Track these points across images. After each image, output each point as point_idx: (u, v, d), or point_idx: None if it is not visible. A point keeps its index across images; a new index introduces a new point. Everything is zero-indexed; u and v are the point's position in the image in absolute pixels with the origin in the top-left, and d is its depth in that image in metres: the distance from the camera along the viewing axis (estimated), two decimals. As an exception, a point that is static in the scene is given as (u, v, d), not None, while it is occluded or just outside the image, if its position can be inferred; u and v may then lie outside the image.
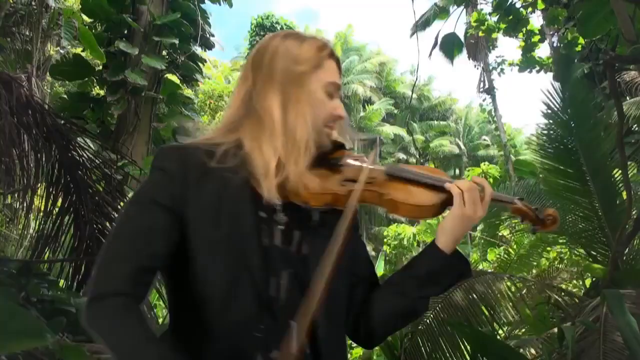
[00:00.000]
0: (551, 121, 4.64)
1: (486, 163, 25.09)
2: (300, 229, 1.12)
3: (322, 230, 1.10)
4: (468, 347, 3.30)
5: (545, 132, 4.77)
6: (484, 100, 23.83)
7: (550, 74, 10.15)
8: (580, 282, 5.81)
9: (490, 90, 22.72)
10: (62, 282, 3.94)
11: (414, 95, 27.54)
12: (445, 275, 1.16)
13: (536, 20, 9.65)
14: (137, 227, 1.07)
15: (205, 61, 12.33)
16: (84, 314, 1.02)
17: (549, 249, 6.42)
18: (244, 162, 1.12)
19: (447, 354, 3.46)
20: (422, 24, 16.16)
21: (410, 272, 1.18)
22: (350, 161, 1.21)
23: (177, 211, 1.07)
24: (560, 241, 5.24)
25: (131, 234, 1.07)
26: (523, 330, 4.34)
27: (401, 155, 31.52)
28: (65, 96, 10.28)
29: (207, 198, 1.08)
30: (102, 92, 9.25)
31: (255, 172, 1.11)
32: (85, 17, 8.92)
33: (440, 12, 15.68)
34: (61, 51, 8.04)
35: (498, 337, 3.79)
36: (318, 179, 1.12)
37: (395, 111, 32.11)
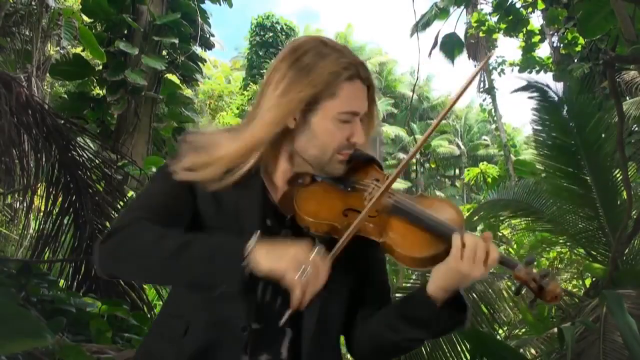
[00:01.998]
0: (551, 121, 4.64)
1: (484, 163, 25.13)
2: None
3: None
4: (468, 347, 3.30)
5: (546, 131, 4.77)
6: (484, 100, 23.84)
7: (550, 74, 10.16)
8: (580, 282, 5.81)
9: (490, 90, 22.71)
10: (62, 282, 3.95)
11: (414, 95, 27.55)
12: (435, 324, 1.08)
13: (536, 20, 9.65)
14: (157, 191, 1.15)
15: (205, 61, 12.34)
16: (97, 251, 1.07)
17: (549, 249, 6.41)
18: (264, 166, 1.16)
19: (447, 354, 3.45)
20: (423, 24, 16.17)
21: (402, 311, 1.13)
22: (367, 184, 1.14)
23: (190, 190, 1.13)
24: (560, 241, 5.23)
25: (149, 195, 1.17)
26: (523, 330, 4.34)
27: (401, 155, 31.54)
28: (65, 96, 10.29)
29: (220, 196, 1.12)
30: (102, 92, 9.26)
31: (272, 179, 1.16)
32: (85, 17, 8.93)
33: (440, 12, 15.69)
34: (61, 51, 8.04)
35: (498, 337, 3.79)
36: (320, 204, 1.10)
37: (395, 111, 32.12)
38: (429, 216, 1.07)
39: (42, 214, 4.21)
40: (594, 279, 4.82)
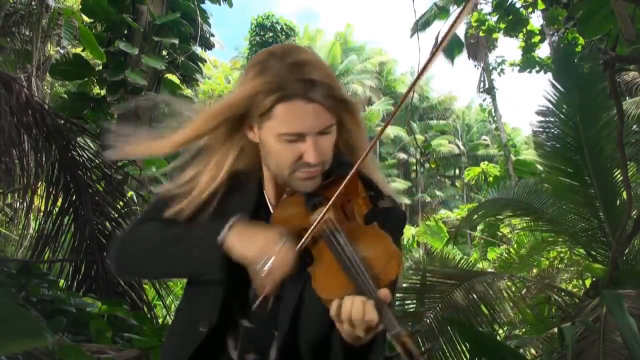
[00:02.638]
0: (552, 120, 4.64)
1: (486, 162, 25.12)
2: None
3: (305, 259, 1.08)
4: (468, 347, 3.30)
5: (546, 131, 4.77)
6: (484, 100, 23.86)
7: (550, 74, 10.15)
8: (580, 282, 5.81)
9: (490, 90, 22.73)
10: (62, 282, 3.95)
11: (414, 95, 27.52)
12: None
13: (536, 20, 9.65)
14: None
15: (205, 61, 12.34)
16: (113, 254, 1.18)
17: (549, 248, 6.41)
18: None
19: (447, 354, 3.46)
20: (423, 24, 16.16)
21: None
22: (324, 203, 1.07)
23: None
24: (560, 241, 5.23)
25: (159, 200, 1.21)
26: (523, 330, 4.34)
27: (401, 155, 31.55)
28: (65, 96, 10.29)
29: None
30: (102, 92, 9.26)
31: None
32: (85, 17, 8.92)
33: (440, 12, 15.68)
34: (61, 51, 8.04)
35: (498, 337, 3.79)
36: (290, 217, 1.09)
37: (395, 111, 32.06)
38: (350, 258, 0.98)
39: (42, 214, 4.21)
40: (594, 279, 4.82)
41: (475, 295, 3.78)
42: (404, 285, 4.02)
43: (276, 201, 1.16)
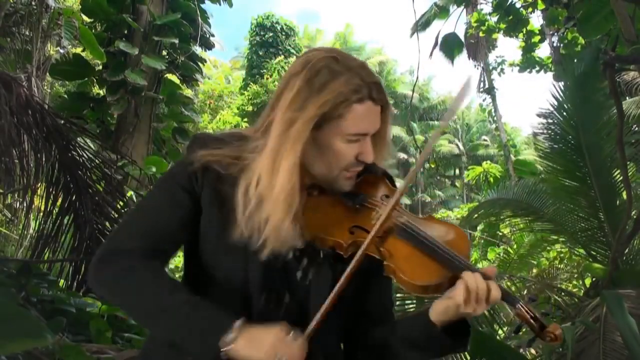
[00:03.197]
0: (552, 120, 4.64)
1: (488, 162, 25.13)
2: (308, 258, 1.13)
3: (328, 264, 1.11)
4: (468, 347, 3.30)
5: (546, 131, 4.77)
6: (484, 100, 23.84)
7: (550, 74, 10.15)
8: (580, 282, 5.81)
9: (490, 90, 22.72)
10: (62, 282, 3.95)
11: (414, 95, 27.54)
12: (436, 348, 1.11)
13: (536, 20, 9.65)
14: (157, 201, 1.15)
15: (205, 61, 12.34)
16: (92, 272, 1.08)
17: (549, 248, 6.41)
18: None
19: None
20: (422, 24, 16.16)
21: (403, 335, 1.14)
22: (377, 202, 1.13)
23: (195, 194, 1.13)
24: (560, 241, 5.23)
25: (150, 207, 1.16)
26: (523, 330, 4.34)
27: (401, 155, 31.55)
28: (65, 96, 10.29)
29: (219, 201, 1.12)
30: (102, 92, 9.26)
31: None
32: (85, 17, 8.92)
33: (440, 12, 15.68)
34: (61, 51, 8.04)
35: (498, 337, 3.79)
36: (327, 218, 1.10)
37: (395, 111, 32.13)
38: (435, 243, 1.06)
39: (42, 214, 4.21)
40: (594, 279, 4.82)
41: (475, 295, 3.77)
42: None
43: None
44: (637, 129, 7.11)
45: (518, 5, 8.36)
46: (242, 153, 1.12)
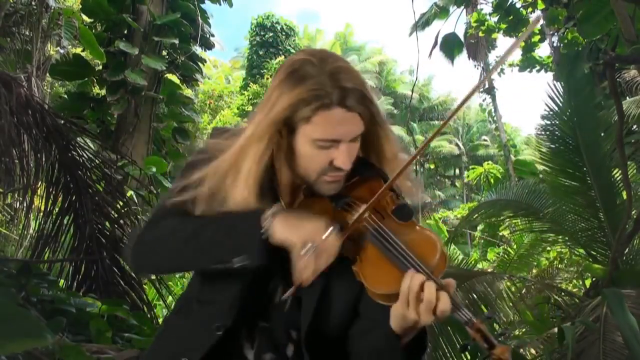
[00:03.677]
0: (552, 121, 4.64)
1: (489, 162, 25.12)
2: None
3: None
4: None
5: (546, 131, 4.77)
6: (484, 100, 23.83)
7: (550, 74, 10.16)
8: (580, 282, 5.81)
9: (490, 90, 22.71)
10: (62, 282, 3.95)
11: (414, 95, 27.54)
12: (387, 354, 1.05)
13: (536, 20, 9.64)
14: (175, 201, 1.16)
15: (205, 61, 12.33)
16: (130, 255, 1.15)
17: (549, 248, 6.42)
18: None
19: (447, 354, 3.46)
20: (422, 24, 16.16)
21: (371, 341, 1.09)
22: (356, 205, 1.10)
23: None
24: (560, 241, 5.23)
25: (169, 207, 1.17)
26: (523, 330, 4.34)
27: (401, 156, 31.46)
28: (65, 96, 10.28)
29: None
30: (102, 92, 9.25)
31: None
32: (85, 17, 8.92)
33: (440, 12, 15.68)
34: (61, 51, 8.03)
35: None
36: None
37: (395, 111, 32.11)
38: (402, 251, 1.01)
39: (42, 214, 4.21)
40: (594, 279, 4.82)
41: (475, 295, 3.78)
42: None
43: (291, 204, 1.17)
44: (637, 128, 7.10)
45: (518, 5, 8.37)
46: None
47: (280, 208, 1.03)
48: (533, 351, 3.58)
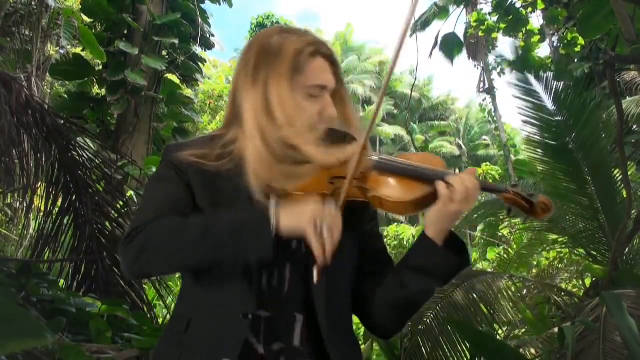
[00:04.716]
0: (550, 122, 4.64)
1: (488, 164, 25.10)
2: None
3: None
4: (468, 347, 3.30)
5: (545, 131, 4.76)
6: (484, 100, 23.80)
7: (551, 74, 10.14)
8: (580, 282, 5.81)
9: (490, 90, 22.69)
10: (62, 282, 3.95)
11: (414, 95, 27.53)
12: (443, 267, 1.11)
13: (536, 20, 9.65)
14: (156, 186, 1.19)
15: (205, 61, 12.32)
16: (123, 255, 1.09)
17: (549, 248, 6.42)
18: (238, 161, 1.15)
19: (447, 354, 3.46)
20: (422, 24, 16.15)
21: (407, 263, 1.16)
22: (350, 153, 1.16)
23: (185, 181, 1.16)
24: (560, 241, 5.23)
25: (152, 191, 1.21)
26: (523, 330, 4.34)
27: (401, 155, 31.49)
28: (65, 96, 10.28)
29: (205, 187, 1.15)
30: (102, 92, 9.26)
31: (247, 172, 1.13)
32: (85, 17, 8.92)
33: (440, 12, 15.67)
34: (61, 51, 8.04)
35: (498, 337, 3.79)
36: (307, 179, 1.12)
37: (395, 111, 32.11)
38: (411, 165, 1.12)
39: (42, 214, 4.20)
40: (594, 279, 4.82)
41: (475, 295, 3.77)
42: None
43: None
44: (637, 128, 7.10)
45: (518, 5, 8.37)
46: (223, 149, 1.16)
47: (277, 200, 1.05)
48: (533, 351, 3.58)
